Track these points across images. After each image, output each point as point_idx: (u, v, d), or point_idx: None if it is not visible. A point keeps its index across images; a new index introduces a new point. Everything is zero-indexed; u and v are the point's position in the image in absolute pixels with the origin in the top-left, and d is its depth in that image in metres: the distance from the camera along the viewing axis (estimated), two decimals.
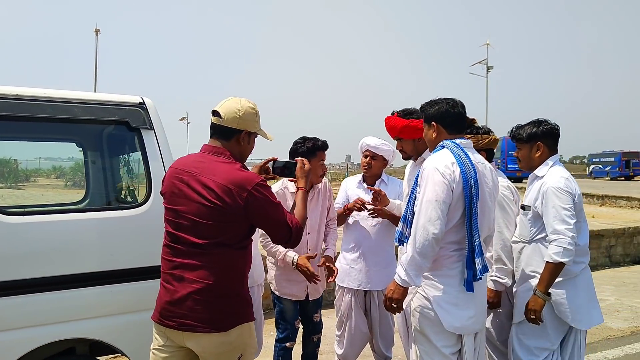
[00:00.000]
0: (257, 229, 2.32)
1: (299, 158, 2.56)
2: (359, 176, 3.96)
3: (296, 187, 2.49)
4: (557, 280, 2.75)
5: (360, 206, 3.60)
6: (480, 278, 2.47)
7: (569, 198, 2.75)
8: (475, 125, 3.20)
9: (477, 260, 2.44)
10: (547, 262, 2.72)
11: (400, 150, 3.31)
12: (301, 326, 3.87)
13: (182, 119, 45.73)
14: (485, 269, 2.48)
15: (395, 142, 3.32)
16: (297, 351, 3.88)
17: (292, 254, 3.45)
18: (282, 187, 3.61)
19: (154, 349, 2.27)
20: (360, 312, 3.79)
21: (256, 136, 2.39)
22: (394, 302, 2.53)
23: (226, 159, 2.23)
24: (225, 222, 2.13)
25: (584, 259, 2.85)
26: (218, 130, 2.29)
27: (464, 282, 2.46)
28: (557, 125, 2.99)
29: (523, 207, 2.95)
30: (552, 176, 2.85)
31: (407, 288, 2.52)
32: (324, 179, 3.72)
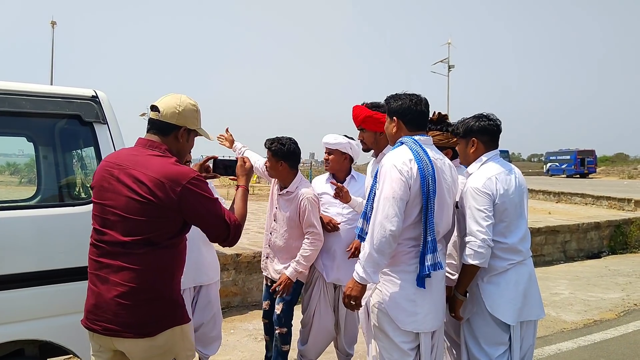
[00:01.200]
0: None
1: (240, 156, 2.49)
2: (327, 174, 3.98)
3: (237, 185, 2.41)
4: (487, 275, 2.76)
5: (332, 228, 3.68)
6: (429, 275, 2.47)
7: (486, 199, 2.69)
8: (447, 121, 3.21)
9: (428, 257, 2.45)
10: (462, 263, 2.74)
11: (361, 141, 3.30)
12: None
13: (143, 114, 44.67)
14: (437, 266, 2.47)
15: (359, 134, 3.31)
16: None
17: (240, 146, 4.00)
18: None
19: (92, 354, 2.16)
20: (328, 309, 3.77)
21: (196, 135, 2.30)
22: (352, 299, 2.52)
23: (161, 152, 2.12)
24: (156, 218, 2.00)
25: (514, 256, 2.77)
26: (156, 125, 2.18)
27: (417, 279, 2.47)
28: (499, 121, 2.94)
29: (457, 205, 2.91)
30: (475, 175, 2.80)
31: (365, 285, 2.53)
32: (301, 194, 3.63)
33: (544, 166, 45.42)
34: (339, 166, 3.82)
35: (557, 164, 42.15)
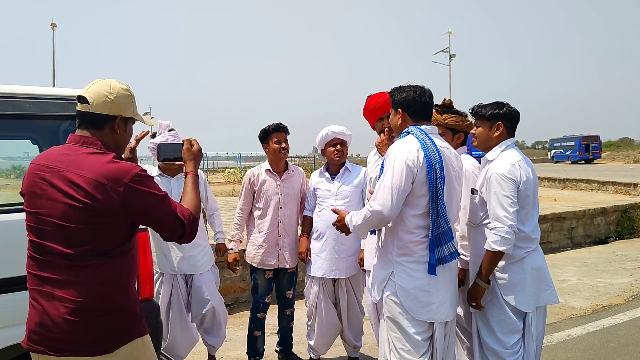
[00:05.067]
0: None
1: (186, 138, 2.23)
2: (321, 168, 4.02)
3: (184, 172, 2.14)
4: (501, 264, 2.76)
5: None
6: (439, 263, 2.47)
7: (512, 185, 2.69)
8: (454, 109, 3.23)
9: (445, 246, 2.46)
10: (486, 250, 2.70)
11: (386, 130, 3.25)
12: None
13: (145, 113, 44.69)
14: (454, 255, 2.50)
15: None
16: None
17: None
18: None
19: None
20: (329, 302, 3.82)
21: (134, 122, 2.07)
22: (340, 226, 2.79)
23: (96, 149, 1.88)
24: (99, 224, 1.79)
25: (530, 244, 2.80)
26: (87, 119, 1.93)
27: (428, 265, 2.48)
28: (518, 111, 2.97)
29: (473, 191, 2.94)
30: (499, 162, 2.79)
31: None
32: (299, 168, 4.13)
33: (549, 153, 45.16)
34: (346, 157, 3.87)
35: (561, 150, 41.91)
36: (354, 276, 3.80)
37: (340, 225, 2.79)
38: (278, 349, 4.20)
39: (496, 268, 2.78)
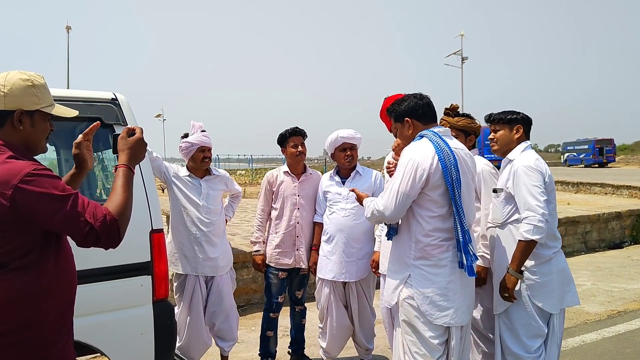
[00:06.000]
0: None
1: (128, 126, 2.04)
2: (331, 171, 4.04)
3: (114, 166, 1.87)
4: (530, 265, 2.77)
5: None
6: (469, 265, 2.46)
7: (540, 176, 2.76)
8: (460, 113, 3.30)
9: (470, 246, 2.46)
10: (519, 240, 2.71)
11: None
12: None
13: (158, 115, 44.94)
14: (474, 258, 2.50)
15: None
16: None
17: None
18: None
19: None
20: (339, 305, 3.83)
21: (48, 116, 1.81)
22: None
23: None
24: None
25: (556, 243, 2.86)
26: None
27: (465, 268, 2.46)
28: (530, 117, 3.09)
29: (495, 191, 2.99)
30: (522, 157, 2.87)
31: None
32: (317, 172, 4.18)
33: (562, 156, 44.75)
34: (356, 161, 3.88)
35: (574, 154, 41.53)
36: (364, 279, 3.80)
37: (357, 199, 2.90)
38: (290, 350, 4.22)
39: (524, 269, 2.78)
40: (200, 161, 3.74)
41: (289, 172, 4.03)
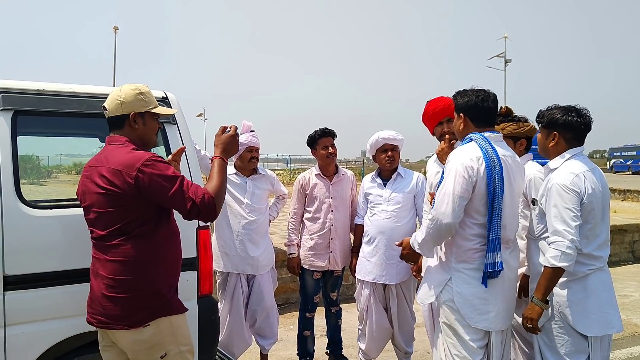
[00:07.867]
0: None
1: (224, 125, 2.44)
2: (372, 173, 4.02)
3: (211, 157, 2.37)
4: (562, 280, 2.52)
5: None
6: (492, 274, 2.42)
7: (574, 197, 2.46)
8: (513, 115, 3.14)
9: (489, 255, 2.42)
10: (544, 266, 2.48)
11: (447, 133, 3.10)
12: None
13: (200, 115, 45.73)
14: (495, 266, 2.40)
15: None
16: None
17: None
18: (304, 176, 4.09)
19: (100, 348, 2.27)
20: (379, 307, 3.80)
21: (156, 116, 2.33)
22: (404, 255, 2.91)
23: (120, 145, 2.18)
24: (122, 207, 2.08)
25: (595, 262, 2.55)
26: (110, 123, 2.26)
27: (481, 276, 2.44)
28: (589, 118, 2.68)
29: (534, 202, 2.76)
30: (561, 171, 2.56)
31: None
32: (349, 171, 4.19)
33: (608, 163, 43.35)
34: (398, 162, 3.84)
35: (621, 160, 40.20)
36: (404, 282, 3.77)
37: (406, 253, 2.86)
38: (328, 351, 4.23)
39: (557, 284, 2.56)
40: (248, 161, 3.79)
41: (321, 174, 4.03)
